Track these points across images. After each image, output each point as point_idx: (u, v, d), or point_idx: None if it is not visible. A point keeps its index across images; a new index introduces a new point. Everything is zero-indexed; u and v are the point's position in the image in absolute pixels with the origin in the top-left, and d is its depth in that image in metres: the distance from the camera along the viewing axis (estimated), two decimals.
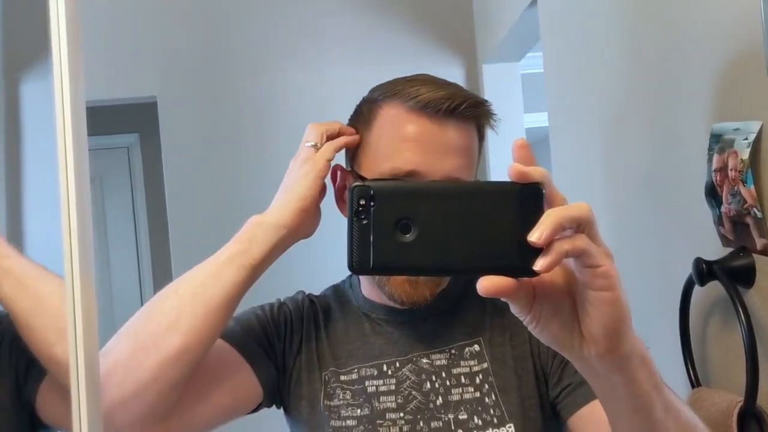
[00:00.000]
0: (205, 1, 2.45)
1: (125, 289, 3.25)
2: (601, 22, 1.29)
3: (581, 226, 0.48)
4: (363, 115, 0.84)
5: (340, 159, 0.88)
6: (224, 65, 2.43)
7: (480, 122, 0.83)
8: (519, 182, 0.48)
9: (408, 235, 0.48)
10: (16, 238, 1.68)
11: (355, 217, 0.49)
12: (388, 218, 0.49)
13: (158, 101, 2.39)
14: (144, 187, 3.25)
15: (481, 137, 0.85)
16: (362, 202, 0.49)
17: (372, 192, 0.49)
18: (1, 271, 0.71)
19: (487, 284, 0.47)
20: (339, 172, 0.87)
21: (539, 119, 2.40)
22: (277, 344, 0.87)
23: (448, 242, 0.48)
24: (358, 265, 0.49)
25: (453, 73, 2.47)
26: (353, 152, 0.85)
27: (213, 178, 2.41)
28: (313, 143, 0.82)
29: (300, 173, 0.80)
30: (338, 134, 0.84)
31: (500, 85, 2.39)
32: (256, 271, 0.77)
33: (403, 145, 0.78)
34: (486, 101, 0.83)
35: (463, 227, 0.48)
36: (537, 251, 0.47)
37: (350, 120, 0.87)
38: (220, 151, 2.40)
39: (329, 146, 0.82)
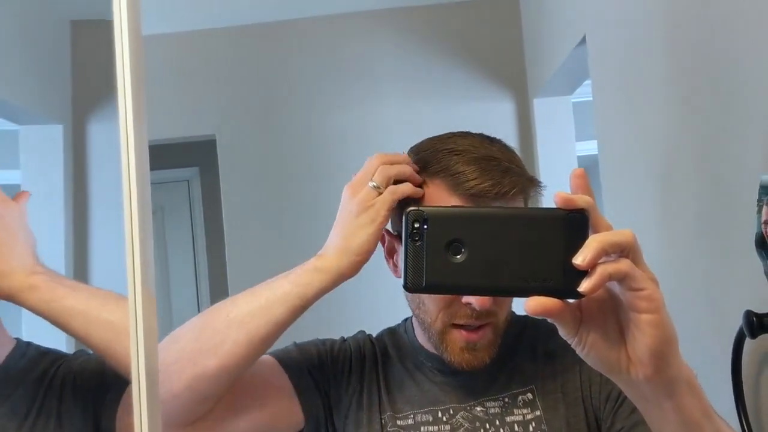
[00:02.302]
0: (261, 46, 2.55)
1: (184, 318, 3.35)
2: (651, 64, 1.29)
3: (625, 251, 0.50)
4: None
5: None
6: (280, 105, 2.52)
7: (527, 194, 0.83)
8: (564, 209, 0.51)
9: (459, 256, 0.51)
10: (82, 268, 1.79)
11: (409, 239, 0.52)
12: (440, 240, 0.52)
13: (217, 139, 2.49)
14: (203, 217, 3.37)
15: (527, 202, 0.85)
16: (416, 225, 0.52)
17: (425, 215, 0.52)
18: (65, 311, 0.72)
19: (533, 304, 0.50)
20: (387, 236, 0.88)
21: (593, 147, 2.40)
22: (332, 380, 0.89)
23: (496, 263, 0.51)
24: (412, 283, 0.52)
25: (504, 107, 2.50)
26: (399, 221, 0.85)
27: (269, 212, 2.49)
28: (376, 185, 0.79)
29: (360, 221, 0.78)
30: (409, 175, 0.81)
31: (551, 118, 2.40)
32: (303, 310, 0.80)
33: None
34: (533, 179, 0.82)
35: (511, 250, 0.51)
36: (582, 274, 0.49)
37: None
38: (275, 186, 2.48)
39: (391, 194, 0.79)
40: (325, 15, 2.52)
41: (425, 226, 0.52)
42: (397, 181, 0.81)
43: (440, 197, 0.79)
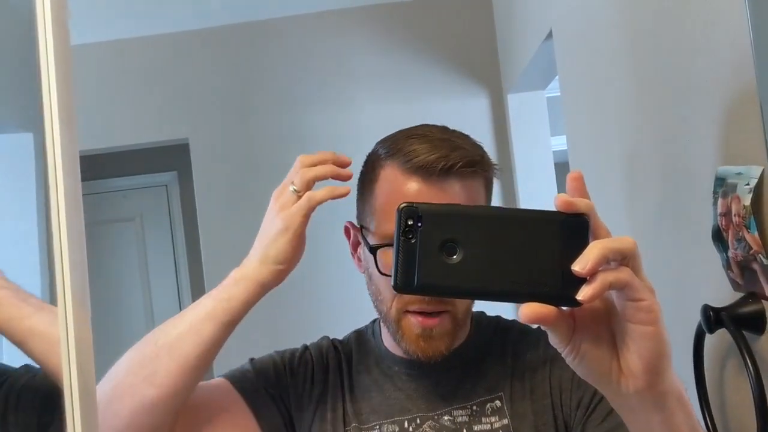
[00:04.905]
0: (231, 47, 2.53)
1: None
2: (613, 58, 1.29)
3: (625, 259, 0.49)
4: (367, 174, 0.84)
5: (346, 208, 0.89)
6: (252, 106, 2.51)
7: (484, 174, 0.83)
8: (565, 212, 0.49)
9: (453, 257, 0.49)
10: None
11: (402, 236, 0.50)
12: (434, 239, 0.49)
13: (190, 142, 2.47)
14: (182, 222, 3.34)
15: (488, 185, 0.84)
16: (410, 222, 0.50)
17: (419, 213, 0.50)
18: (26, 331, 0.70)
19: (528, 311, 0.48)
20: (351, 229, 0.88)
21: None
22: (292, 394, 0.87)
23: (492, 267, 0.49)
24: (402, 284, 0.50)
25: (479, 103, 2.49)
26: (361, 210, 0.86)
27: (244, 214, 2.46)
28: (296, 189, 0.78)
29: (276, 228, 0.77)
30: (331, 174, 0.80)
31: (525, 113, 2.41)
32: (232, 325, 0.78)
33: None
34: (482, 155, 0.82)
35: (508, 253, 0.49)
36: (580, 281, 0.47)
37: (360, 174, 0.86)
38: (250, 189, 2.47)
39: (308, 201, 0.77)
40: (296, 14, 2.51)
41: (419, 224, 0.50)
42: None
43: (394, 176, 0.80)
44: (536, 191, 2.33)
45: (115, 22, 2.36)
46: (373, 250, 0.80)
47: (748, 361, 0.79)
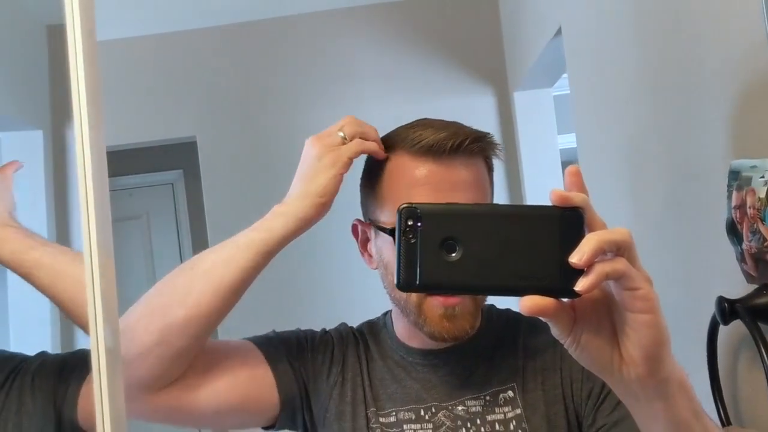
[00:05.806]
0: (239, 45, 2.53)
1: None
2: (623, 54, 1.29)
3: (621, 249, 0.49)
4: (372, 168, 0.85)
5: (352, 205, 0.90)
6: (259, 104, 2.51)
7: (486, 155, 0.84)
8: (560, 206, 0.50)
9: (453, 255, 0.50)
10: None
11: (403, 236, 0.51)
12: (434, 238, 0.51)
13: (197, 140, 2.47)
14: (189, 221, 3.35)
15: (490, 168, 0.86)
16: (410, 222, 0.51)
17: (419, 212, 0.51)
18: (32, 262, 0.72)
19: (529, 303, 0.49)
20: (360, 226, 0.88)
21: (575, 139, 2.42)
22: (311, 369, 0.88)
23: (491, 262, 0.50)
24: (404, 282, 0.51)
25: (486, 101, 2.49)
26: (369, 205, 0.86)
27: (252, 212, 2.46)
28: (344, 135, 0.81)
29: (322, 164, 0.80)
30: (374, 138, 0.83)
31: (532, 111, 2.41)
32: (269, 256, 0.80)
33: (414, 190, 0.79)
34: (488, 134, 0.83)
35: (506, 248, 0.50)
36: (578, 273, 0.48)
37: (363, 172, 0.87)
38: (257, 187, 2.47)
39: (358, 144, 0.80)
40: (303, 13, 2.52)
41: (419, 224, 0.51)
42: None
43: (402, 162, 0.81)
44: (543, 190, 2.32)
45: (121, 20, 2.37)
46: (392, 233, 0.80)
47: (763, 352, 0.80)
